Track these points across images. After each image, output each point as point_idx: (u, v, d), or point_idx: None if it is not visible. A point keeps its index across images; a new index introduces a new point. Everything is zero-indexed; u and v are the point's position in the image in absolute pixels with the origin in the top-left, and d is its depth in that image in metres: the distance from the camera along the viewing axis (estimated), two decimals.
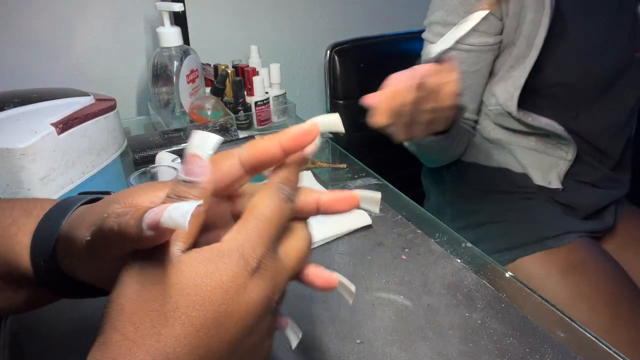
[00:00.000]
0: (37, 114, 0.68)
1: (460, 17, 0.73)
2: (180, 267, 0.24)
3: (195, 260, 0.25)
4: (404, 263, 0.55)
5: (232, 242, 0.25)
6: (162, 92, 0.93)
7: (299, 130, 0.29)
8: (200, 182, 0.26)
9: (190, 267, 0.24)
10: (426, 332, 0.45)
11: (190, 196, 0.25)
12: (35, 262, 0.31)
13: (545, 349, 0.43)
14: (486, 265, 0.55)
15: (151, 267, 0.25)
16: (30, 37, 0.92)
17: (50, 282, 0.31)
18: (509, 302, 0.49)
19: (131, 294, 0.24)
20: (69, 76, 0.98)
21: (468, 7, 0.75)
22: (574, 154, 0.82)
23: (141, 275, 0.24)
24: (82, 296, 0.33)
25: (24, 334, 0.44)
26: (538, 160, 0.85)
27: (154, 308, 0.23)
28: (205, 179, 0.26)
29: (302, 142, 0.29)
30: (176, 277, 0.24)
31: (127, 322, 0.23)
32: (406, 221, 0.63)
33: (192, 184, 0.26)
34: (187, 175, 0.26)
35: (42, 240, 0.31)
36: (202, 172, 0.26)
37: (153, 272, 0.24)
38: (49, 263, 0.30)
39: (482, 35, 0.78)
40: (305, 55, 1.25)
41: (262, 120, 0.97)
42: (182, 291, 0.24)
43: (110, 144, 0.79)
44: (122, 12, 0.99)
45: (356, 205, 0.31)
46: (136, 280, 0.25)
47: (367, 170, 0.79)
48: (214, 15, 1.09)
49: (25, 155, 0.62)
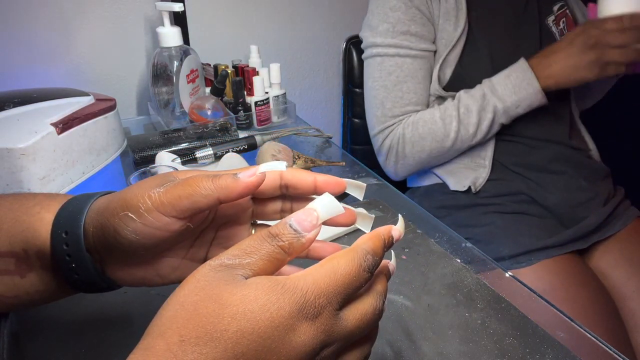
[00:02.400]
0: (37, 114, 0.68)
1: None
2: (243, 289, 0.24)
3: (258, 286, 0.25)
4: (404, 263, 0.55)
5: (299, 281, 0.25)
6: (162, 92, 0.93)
7: (333, 179, 0.34)
8: (305, 236, 0.27)
9: (251, 292, 0.24)
10: (426, 332, 0.45)
11: (290, 244, 0.27)
12: (56, 235, 0.31)
13: (545, 349, 0.43)
14: (486, 265, 0.55)
15: (215, 282, 0.25)
16: (30, 37, 0.92)
17: (66, 257, 0.32)
18: (509, 302, 0.49)
19: (188, 305, 0.24)
20: (69, 76, 0.98)
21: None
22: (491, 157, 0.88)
23: (203, 289, 0.25)
24: (89, 286, 0.33)
25: (24, 333, 0.44)
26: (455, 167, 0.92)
27: (203, 324, 0.23)
28: (310, 237, 0.27)
29: (332, 187, 0.34)
30: (235, 299, 0.24)
31: (174, 332, 0.24)
32: (406, 221, 0.63)
33: (297, 233, 0.27)
34: (297, 224, 0.27)
35: (68, 214, 0.32)
36: (312, 229, 0.28)
37: (215, 288, 0.25)
38: (72, 236, 0.31)
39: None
40: (305, 55, 1.25)
41: (262, 120, 0.97)
42: (235, 315, 0.24)
43: (110, 144, 0.79)
44: (122, 12, 0.99)
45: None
46: (197, 292, 0.25)
47: (367, 170, 0.79)
48: (214, 15, 1.09)
49: (25, 155, 0.62)
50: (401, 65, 0.87)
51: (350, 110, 1.19)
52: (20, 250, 0.32)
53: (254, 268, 0.26)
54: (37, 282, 0.33)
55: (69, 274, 0.32)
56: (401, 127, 0.89)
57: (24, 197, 0.34)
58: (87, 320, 0.45)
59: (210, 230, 0.36)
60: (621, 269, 0.82)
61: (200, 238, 0.35)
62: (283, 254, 0.27)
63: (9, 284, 0.33)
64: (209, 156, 0.74)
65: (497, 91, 0.82)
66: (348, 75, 1.17)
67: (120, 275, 0.33)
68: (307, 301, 0.25)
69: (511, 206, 0.86)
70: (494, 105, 0.82)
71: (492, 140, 0.88)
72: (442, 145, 0.87)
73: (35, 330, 0.44)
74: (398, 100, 0.88)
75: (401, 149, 0.89)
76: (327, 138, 0.92)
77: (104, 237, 0.31)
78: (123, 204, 0.30)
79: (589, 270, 0.80)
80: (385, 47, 0.87)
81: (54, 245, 0.31)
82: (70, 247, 0.31)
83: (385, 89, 0.89)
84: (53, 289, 0.34)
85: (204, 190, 0.29)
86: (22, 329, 0.44)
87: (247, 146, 0.78)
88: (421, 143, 0.87)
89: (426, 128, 0.86)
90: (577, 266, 0.78)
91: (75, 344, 0.42)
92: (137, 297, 0.48)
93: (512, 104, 0.81)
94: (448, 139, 0.86)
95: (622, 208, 0.89)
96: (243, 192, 0.30)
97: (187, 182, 0.30)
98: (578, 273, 0.77)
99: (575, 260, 0.80)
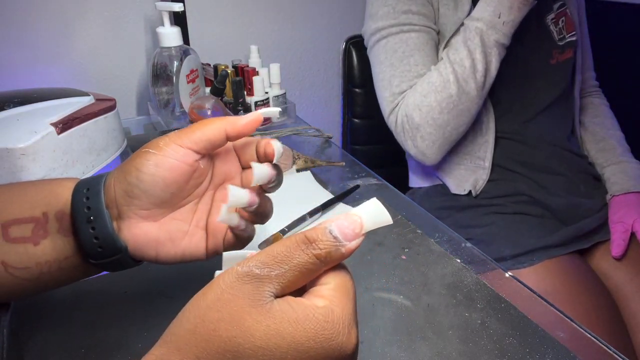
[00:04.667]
0: (37, 113, 0.68)
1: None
2: (267, 318, 0.23)
3: (283, 319, 0.24)
4: (404, 263, 0.55)
5: (330, 315, 0.24)
6: (162, 92, 0.93)
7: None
8: (346, 246, 0.26)
9: (275, 324, 0.23)
10: (426, 332, 0.45)
11: (328, 253, 0.26)
12: (78, 192, 0.34)
13: (545, 349, 0.43)
14: (486, 266, 0.55)
15: (240, 300, 0.24)
16: (30, 37, 0.92)
17: (85, 210, 0.33)
18: (509, 302, 0.49)
19: (209, 322, 0.23)
20: (69, 76, 0.98)
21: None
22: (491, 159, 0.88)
23: (226, 306, 0.24)
24: (104, 249, 0.34)
25: (23, 332, 0.44)
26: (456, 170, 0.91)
27: (222, 351, 0.23)
28: (351, 247, 0.26)
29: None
30: (257, 329, 0.23)
31: (192, 349, 0.23)
32: (406, 221, 0.63)
33: (337, 241, 0.26)
34: (338, 232, 0.26)
35: (89, 179, 0.35)
36: (354, 238, 0.26)
37: (240, 310, 0.23)
38: (93, 190, 0.34)
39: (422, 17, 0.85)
40: (305, 55, 1.25)
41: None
42: (255, 349, 0.23)
43: (110, 144, 0.79)
44: (122, 12, 0.99)
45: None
46: (219, 307, 0.24)
47: (367, 170, 0.79)
48: (214, 15, 1.09)
49: (25, 155, 0.62)
50: (406, 40, 0.84)
51: (350, 110, 1.19)
52: (40, 215, 0.34)
53: (283, 281, 0.25)
54: (50, 250, 0.34)
55: (86, 230, 0.33)
56: (405, 98, 0.85)
57: (45, 179, 0.37)
58: (87, 320, 0.45)
59: (208, 194, 0.38)
60: (623, 270, 0.82)
61: (202, 202, 0.38)
62: (318, 263, 0.25)
63: (20, 252, 0.34)
64: None
65: (473, 16, 0.80)
66: (348, 75, 1.17)
67: (136, 232, 0.34)
68: (340, 341, 0.24)
69: (512, 207, 0.86)
70: (475, 27, 0.78)
71: (491, 141, 0.87)
72: (447, 93, 0.80)
73: (35, 329, 0.44)
74: (405, 74, 0.85)
75: (410, 119, 0.84)
76: (327, 138, 0.92)
77: (125, 181, 0.34)
78: (142, 147, 0.35)
79: (590, 271, 0.80)
80: (388, 28, 0.85)
81: (74, 201, 0.34)
82: (90, 201, 0.33)
83: (392, 67, 0.86)
84: (64, 258, 0.35)
85: (213, 124, 0.35)
86: (21, 327, 0.44)
87: None
88: (426, 102, 0.81)
89: (424, 85, 0.82)
90: (579, 267, 0.78)
91: (75, 344, 0.42)
92: (138, 297, 0.48)
93: (490, 15, 0.77)
94: (450, 84, 0.80)
95: None
96: (246, 126, 0.35)
97: (199, 122, 0.35)
98: (580, 274, 0.77)
99: (577, 260, 0.80)
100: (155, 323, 0.44)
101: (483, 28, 0.78)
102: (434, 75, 0.81)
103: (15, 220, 0.33)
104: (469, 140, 0.89)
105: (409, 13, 0.84)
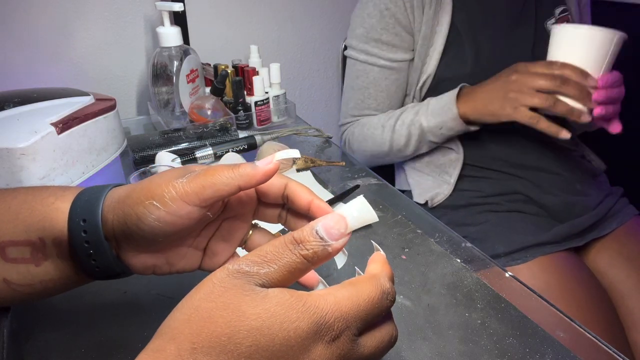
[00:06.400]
0: (37, 113, 0.68)
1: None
2: (263, 302, 0.24)
3: (279, 301, 0.24)
4: (404, 263, 0.55)
5: (320, 300, 0.25)
6: (162, 92, 0.93)
7: (328, 209, 0.34)
8: (332, 245, 0.26)
9: (271, 307, 0.24)
10: (426, 332, 0.45)
11: (315, 253, 0.26)
12: (74, 223, 0.32)
13: (545, 349, 0.43)
14: (486, 265, 0.55)
15: (233, 290, 0.24)
16: (30, 37, 0.92)
17: (85, 244, 0.32)
18: (508, 302, 0.49)
19: (203, 310, 0.24)
20: (69, 76, 0.98)
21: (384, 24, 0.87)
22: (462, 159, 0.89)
23: (220, 296, 0.24)
24: (104, 272, 0.34)
25: (23, 333, 0.44)
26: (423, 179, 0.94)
27: (218, 335, 0.23)
28: (337, 246, 0.26)
29: (322, 214, 0.34)
30: (253, 312, 0.23)
31: (187, 337, 0.23)
32: (406, 221, 0.63)
33: (323, 241, 0.26)
34: (325, 232, 0.26)
35: (84, 203, 0.33)
36: (340, 238, 0.26)
37: (233, 297, 0.24)
38: (90, 223, 0.32)
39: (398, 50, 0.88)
40: (305, 55, 1.25)
41: (262, 120, 0.97)
42: (252, 329, 0.23)
43: (110, 144, 0.79)
44: (122, 12, 0.99)
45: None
46: (213, 298, 0.24)
47: (367, 170, 0.79)
48: (214, 15, 1.09)
49: (25, 155, 0.62)
50: (368, 73, 0.92)
51: None
52: (37, 239, 0.33)
53: (271, 279, 0.25)
54: (53, 271, 0.34)
55: (86, 260, 0.33)
56: (354, 125, 0.97)
57: (37, 189, 0.35)
58: (87, 320, 0.45)
59: (216, 222, 0.37)
60: (619, 267, 0.82)
61: (206, 228, 0.36)
62: (306, 263, 0.26)
63: (24, 272, 0.33)
64: (209, 156, 0.74)
65: (427, 110, 0.85)
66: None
67: (133, 262, 0.34)
68: (327, 323, 0.24)
69: (507, 205, 0.86)
70: (420, 123, 0.86)
71: (460, 160, 0.89)
72: (380, 149, 0.92)
73: (35, 329, 0.44)
74: (359, 103, 0.95)
75: (350, 143, 0.99)
76: (327, 138, 0.92)
77: (125, 224, 0.31)
78: (147, 193, 0.31)
79: (585, 268, 0.80)
80: (358, 51, 0.92)
81: (72, 233, 0.32)
82: (89, 234, 0.32)
83: (351, 90, 0.96)
84: (67, 277, 0.35)
85: (225, 179, 0.31)
86: (21, 328, 0.44)
87: (247, 146, 0.78)
88: (364, 143, 0.94)
89: (370, 131, 0.93)
90: (574, 264, 0.78)
91: (75, 344, 0.42)
92: (137, 297, 0.48)
93: (435, 125, 0.84)
94: (385, 146, 0.91)
95: (618, 206, 0.88)
96: (262, 178, 0.31)
97: (209, 172, 0.31)
98: (574, 271, 0.77)
99: (572, 258, 0.80)
100: (155, 323, 0.44)
101: (424, 128, 0.86)
102: (378, 129, 0.91)
103: (11, 242, 0.33)
104: (441, 153, 0.92)
105: (379, 42, 0.88)
